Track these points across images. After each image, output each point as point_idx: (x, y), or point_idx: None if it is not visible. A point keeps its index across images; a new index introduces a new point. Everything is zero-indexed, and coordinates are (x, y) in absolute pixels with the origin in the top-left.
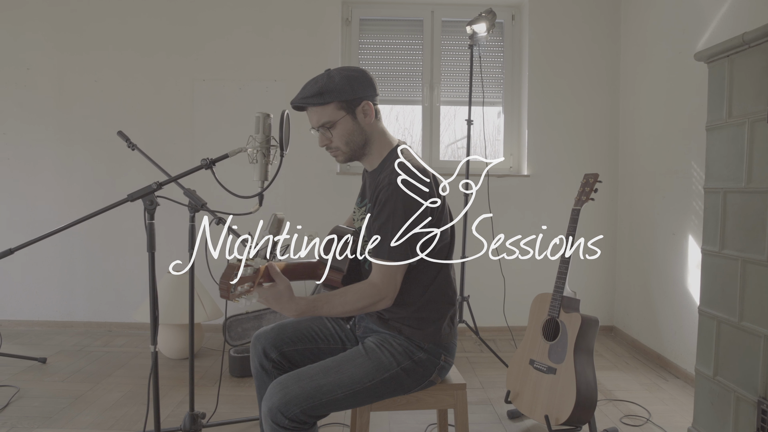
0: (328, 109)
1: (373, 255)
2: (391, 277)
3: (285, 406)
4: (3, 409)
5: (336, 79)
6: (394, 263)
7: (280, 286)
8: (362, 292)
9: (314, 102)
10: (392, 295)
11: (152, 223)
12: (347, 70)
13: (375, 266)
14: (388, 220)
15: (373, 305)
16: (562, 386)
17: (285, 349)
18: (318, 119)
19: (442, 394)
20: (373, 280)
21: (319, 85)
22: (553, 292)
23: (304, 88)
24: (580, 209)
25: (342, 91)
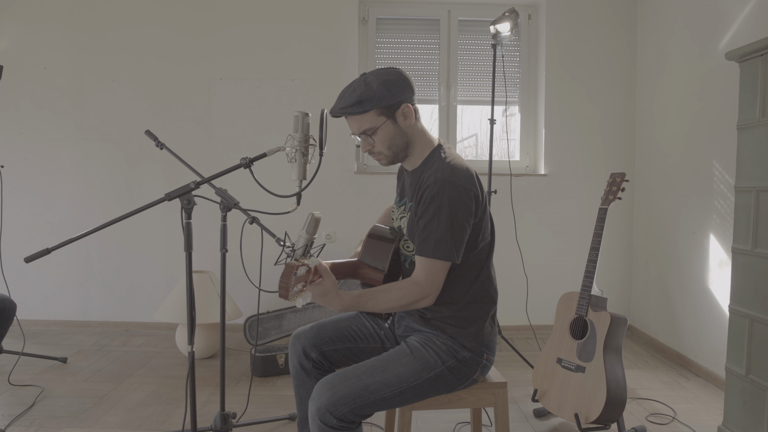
0: (368, 116)
1: (419, 252)
2: (434, 275)
3: (333, 406)
4: (29, 408)
5: (374, 85)
6: (438, 261)
7: (327, 282)
8: (406, 290)
9: (354, 111)
10: (435, 294)
11: (189, 222)
12: (384, 74)
13: (419, 264)
14: (433, 219)
15: (416, 303)
16: (592, 385)
17: (325, 348)
18: (359, 127)
19: (483, 393)
20: (417, 278)
21: (357, 94)
22: (581, 291)
23: (342, 97)
24: (607, 208)
25: (381, 98)
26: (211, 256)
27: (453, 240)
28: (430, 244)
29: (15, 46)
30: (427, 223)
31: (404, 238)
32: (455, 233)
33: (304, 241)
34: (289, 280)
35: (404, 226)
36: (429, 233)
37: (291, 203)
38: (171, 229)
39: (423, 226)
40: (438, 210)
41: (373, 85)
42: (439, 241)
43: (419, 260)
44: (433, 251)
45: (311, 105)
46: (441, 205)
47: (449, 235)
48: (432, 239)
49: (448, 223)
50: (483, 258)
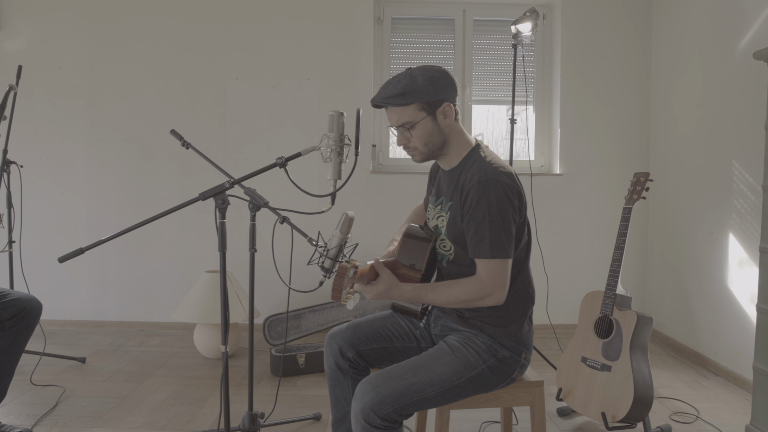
0: (409, 109)
1: (476, 254)
2: (497, 274)
3: (378, 406)
4: (53, 408)
5: (419, 79)
6: (497, 260)
7: (387, 278)
8: (467, 286)
9: (396, 102)
10: (501, 292)
11: (224, 222)
12: (430, 71)
13: (479, 264)
14: (484, 219)
15: (478, 300)
16: (619, 384)
17: (361, 348)
18: (398, 119)
19: (520, 392)
20: (479, 275)
21: (402, 86)
22: (606, 290)
23: (386, 87)
24: (631, 208)
25: (425, 93)
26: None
27: (506, 237)
28: (486, 245)
29: (31, 47)
30: (479, 224)
31: (441, 237)
32: (507, 230)
33: (338, 240)
34: (342, 281)
35: (441, 225)
36: (483, 234)
37: (322, 203)
38: (185, 228)
39: (475, 227)
40: (487, 210)
41: (419, 80)
42: (495, 240)
43: (479, 261)
44: (491, 251)
45: (327, 104)
46: (490, 205)
47: (502, 233)
48: (487, 240)
49: (499, 221)
50: (522, 257)
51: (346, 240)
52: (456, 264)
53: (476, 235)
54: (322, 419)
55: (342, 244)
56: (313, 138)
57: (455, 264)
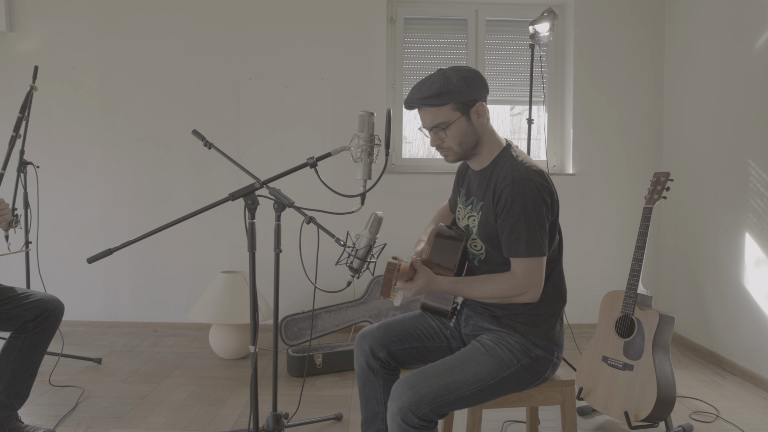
0: (444, 110)
1: (512, 253)
2: (532, 272)
3: (415, 405)
4: (73, 409)
5: (453, 80)
6: (533, 258)
7: (426, 273)
8: (503, 283)
9: (431, 103)
10: (536, 290)
11: (253, 222)
12: (463, 71)
13: (514, 263)
14: (519, 218)
15: (514, 297)
16: (641, 383)
17: (392, 347)
18: (432, 120)
19: (551, 391)
20: (515, 273)
21: (437, 86)
22: (627, 290)
23: (419, 88)
24: (652, 207)
25: (459, 93)
26: (244, 256)
27: (541, 235)
28: (522, 244)
29: (44, 47)
30: (514, 224)
31: (472, 237)
32: (541, 228)
33: (367, 240)
34: (392, 277)
35: (473, 225)
36: (519, 233)
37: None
38: (198, 229)
39: (510, 226)
40: (522, 209)
41: (453, 80)
42: (530, 239)
43: (515, 261)
44: (527, 250)
45: (341, 105)
46: (524, 204)
47: (537, 231)
48: (523, 239)
49: (534, 219)
50: (554, 257)
51: (374, 240)
52: (488, 263)
53: (511, 234)
54: (344, 419)
55: (371, 244)
56: (326, 138)
57: (487, 263)
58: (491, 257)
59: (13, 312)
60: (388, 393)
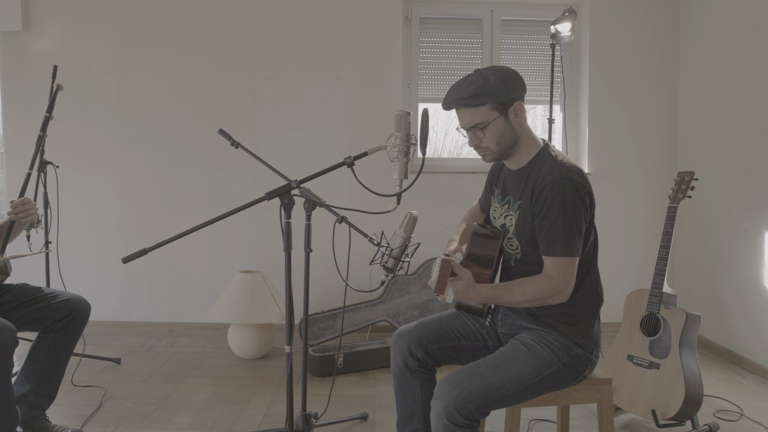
0: (483, 110)
1: (548, 252)
2: (567, 272)
3: (461, 404)
4: (98, 410)
5: (491, 80)
6: (568, 258)
7: (465, 277)
8: (540, 284)
9: (470, 103)
10: (569, 290)
11: (289, 222)
12: (500, 71)
13: (549, 262)
14: (558, 218)
15: (549, 298)
16: (669, 381)
17: (430, 347)
18: (471, 120)
19: (588, 389)
20: (550, 273)
21: (475, 87)
22: (651, 289)
23: (457, 89)
24: (677, 207)
25: (498, 93)
26: (261, 255)
27: (578, 235)
28: (559, 243)
29: (59, 47)
30: (553, 223)
31: (508, 236)
32: (578, 228)
33: (401, 240)
34: (447, 274)
35: (510, 224)
36: (557, 232)
37: (392, 202)
38: (214, 229)
39: (549, 226)
40: (561, 208)
41: (491, 80)
42: (568, 239)
43: (549, 260)
44: (564, 249)
45: (357, 104)
46: (564, 203)
47: (575, 232)
48: (561, 238)
49: (573, 220)
50: (590, 256)
51: (409, 239)
52: (524, 262)
53: (550, 233)
54: (369, 419)
55: (406, 244)
56: (343, 137)
57: (523, 262)
58: (528, 257)
59: (41, 312)
60: (425, 392)
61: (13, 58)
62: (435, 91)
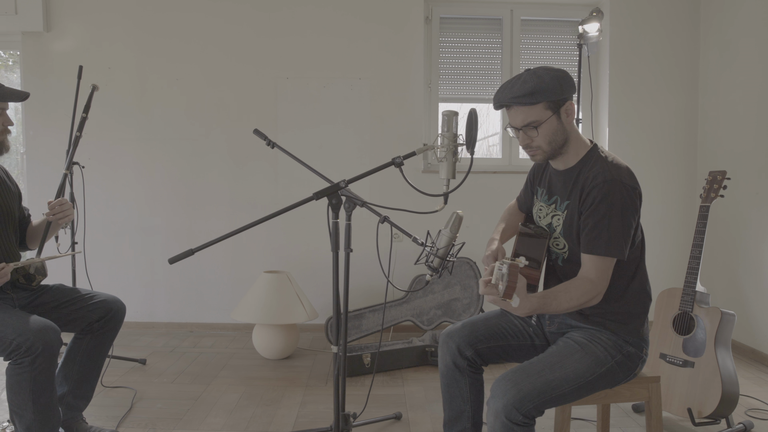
0: (536, 109)
1: (590, 250)
2: (605, 272)
3: (520, 403)
4: (130, 410)
5: (545, 79)
6: (608, 258)
7: (520, 284)
8: (582, 288)
9: (524, 102)
10: (604, 291)
11: (337, 222)
12: (553, 70)
13: (590, 261)
14: (604, 217)
15: (590, 301)
16: (704, 380)
17: (479, 346)
18: (524, 119)
19: (637, 387)
20: (588, 276)
21: (530, 85)
22: (684, 287)
23: (511, 87)
24: (709, 206)
25: (552, 91)
26: (283, 256)
27: (624, 237)
28: (602, 242)
29: (80, 47)
30: (598, 222)
31: (554, 236)
32: (625, 230)
33: (447, 240)
34: (515, 280)
35: (557, 224)
36: (600, 231)
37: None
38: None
39: (593, 224)
40: (609, 208)
41: (545, 78)
42: (612, 238)
43: (590, 258)
44: (606, 249)
45: (379, 104)
46: (612, 204)
47: (620, 232)
48: (604, 237)
49: (619, 220)
50: (638, 255)
51: (455, 239)
52: (571, 262)
53: (593, 231)
54: (403, 419)
55: (451, 244)
56: (365, 137)
57: (570, 262)
58: (575, 256)
59: (78, 313)
60: (473, 391)
61: (33, 59)
62: (455, 91)
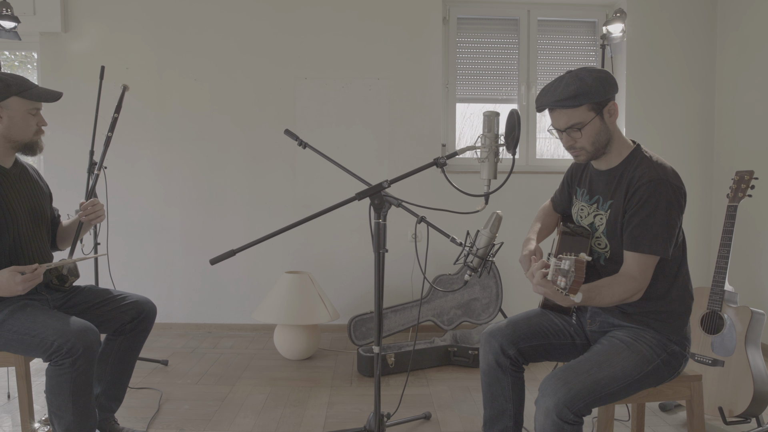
0: (580, 111)
1: (633, 247)
2: (647, 270)
3: (571, 401)
4: (158, 412)
5: (588, 80)
6: (651, 256)
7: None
8: (625, 285)
9: (568, 104)
10: (644, 288)
11: (379, 222)
12: (595, 71)
13: (632, 259)
14: (649, 216)
15: (630, 298)
16: (735, 379)
17: (522, 345)
18: (567, 121)
19: (679, 386)
20: (631, 273)
21: (573, 88)
22: (712, 286)
23: (554, 90)
24: (737, 205)
25: (595, 93)
26: (303, 256)
27: (668, 236)
28: (646, 240)
29: (97, 47)
30: (643, 220)
31: (596, 235)
32: (669, 229)
33: (486, 240)
34: (583, 273)
35: (599, 223)
36: (644, 229)
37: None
38: (253, 229)
39: (638, 222)
40: (655, 207)
41: (588, 80)
42: (656, 236)
43: (633, 255)
44: (650, 247)
45: (397, 104)
46: (658, 202)
47: (665, 231)
48: (648, 235)
49: (664, 219)
50: (681, 254)
51: (494, 239)
52: (613, 261)
53: (637, 229)
54: (432, 418)
55: (492, 243)
56: (383, 138)
57: (612, 261)
58: (618, 256)
59: (111, 314)
60: (516, 390)
61: (51, 59)
62: (472, 91)
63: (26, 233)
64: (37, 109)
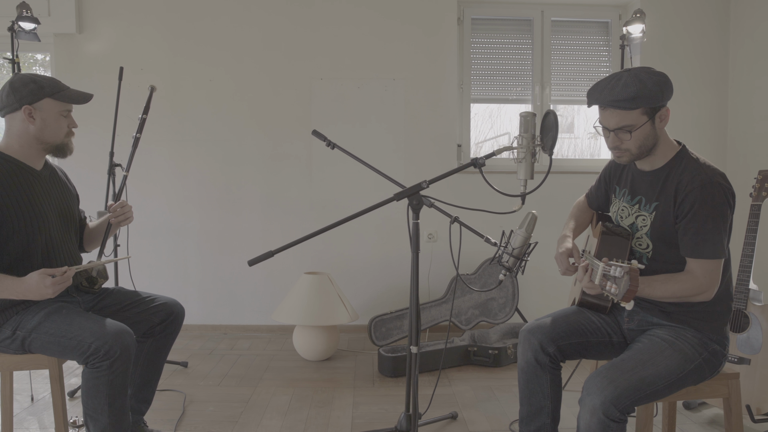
0: (634, 113)
1: (695, 254)
2: (714, 273)
3: (617, 399)
4: (184, 414)
5: (648, 84)
6: (716, 260)
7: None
8: (684, 284)
9: (624, 106)
10: (713, 290)
11: (417, 222)
12: (655, 75)
13: (695, 263)
14: (707, 220)
15: (691, 297)
16: (763, 377)
17: (561, 342)
18: (619, 122)
19: (717, 384)
20: (695, 273)
21: (633, 90)
22: (737, 285)
23: (611, 89)
24: (761, 204)
25: (654, 98)
26: (320, 258)
27: (725, 237)
28: (708, 246)
29: (112, 48)
30: (702, 225)
31: (637, 236)
32: (725, 231)
33: (522, 240)
34: (637, 282)
35: (642, 224)
36: (705, 235)
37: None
38: (269, 230)
39: (696, 228)
40: (711, 211)
41: (648, 84)
42: (716, 241)
43: (696, 261)
44: (713, 252)
45: (412, 104)
46: (714, 207)
47: (723, 235)
48: (710, 241)
49: (721, 223)
50: (726, 256)
51: (529, 239)
52: (656, 261)
53: (697, 236)
54: (459, 418)
55: (528, 243)
56: (399, 138)
57: (655, 261)
58: (660, 256)
59: (140, 316)
60: (554, 388)
61: (65, 61)
62: (486, 92)
63: (57, 236)
64: (69, 111)
